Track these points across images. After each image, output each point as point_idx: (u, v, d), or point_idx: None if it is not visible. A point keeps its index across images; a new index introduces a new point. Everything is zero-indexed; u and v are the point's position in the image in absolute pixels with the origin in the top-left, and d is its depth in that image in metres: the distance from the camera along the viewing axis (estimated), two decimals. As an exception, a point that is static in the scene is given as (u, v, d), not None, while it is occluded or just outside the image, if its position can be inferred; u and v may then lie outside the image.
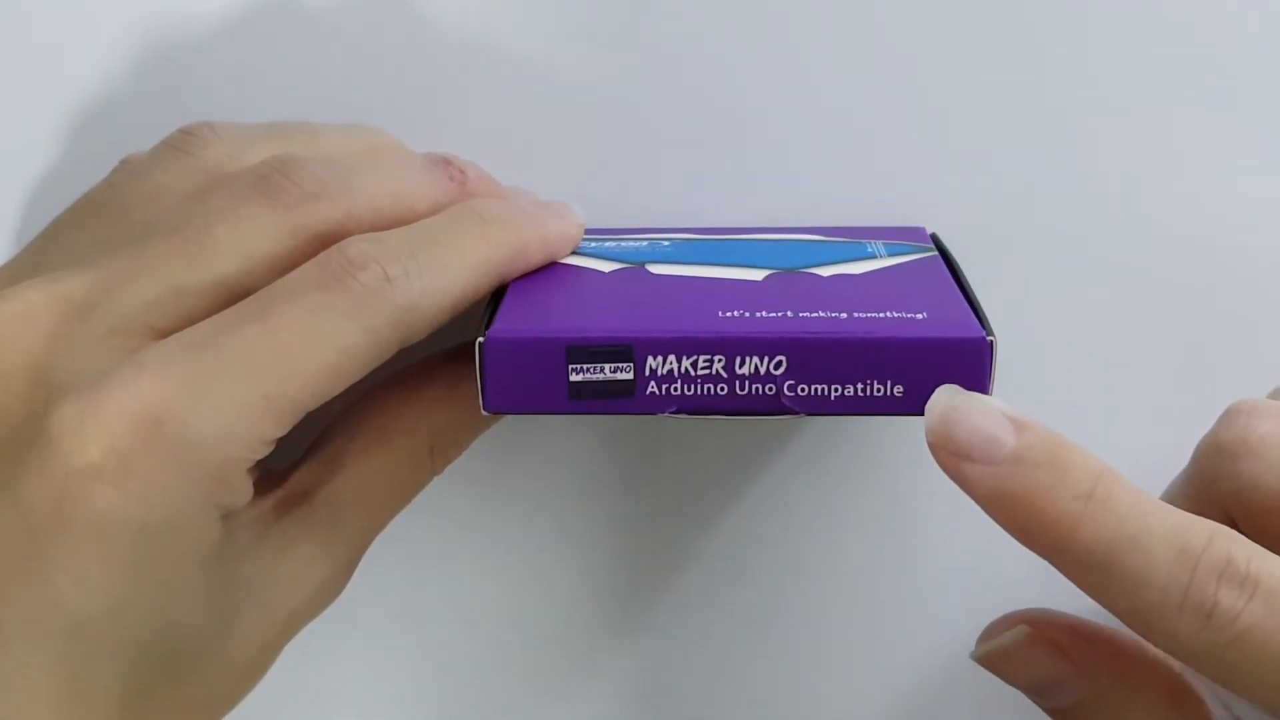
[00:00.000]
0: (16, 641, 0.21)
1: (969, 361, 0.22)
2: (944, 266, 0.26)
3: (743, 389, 0.23)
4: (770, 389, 0.23)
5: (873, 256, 0.27)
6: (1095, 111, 0.30)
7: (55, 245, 0.25)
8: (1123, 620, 0.21)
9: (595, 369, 0.22)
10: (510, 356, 0.23)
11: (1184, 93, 0.30)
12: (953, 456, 0.21)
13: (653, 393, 0.23)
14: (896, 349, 0.22)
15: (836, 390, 0.22)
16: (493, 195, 0.27)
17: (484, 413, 0.23)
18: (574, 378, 0.23)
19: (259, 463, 0.23)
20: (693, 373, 0.22)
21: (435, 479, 0.27)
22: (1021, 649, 0.26)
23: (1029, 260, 0.30)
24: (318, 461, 0.26)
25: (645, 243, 0.28)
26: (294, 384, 0.22)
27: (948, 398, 0.21)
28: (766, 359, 0.22)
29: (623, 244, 0.28)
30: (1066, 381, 0.31)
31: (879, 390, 0.22)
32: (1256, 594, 0.20)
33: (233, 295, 0.23)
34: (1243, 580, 0.20)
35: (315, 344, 0.22)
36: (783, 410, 0.23)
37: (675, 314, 0.23)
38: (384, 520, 0.26)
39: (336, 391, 0.23)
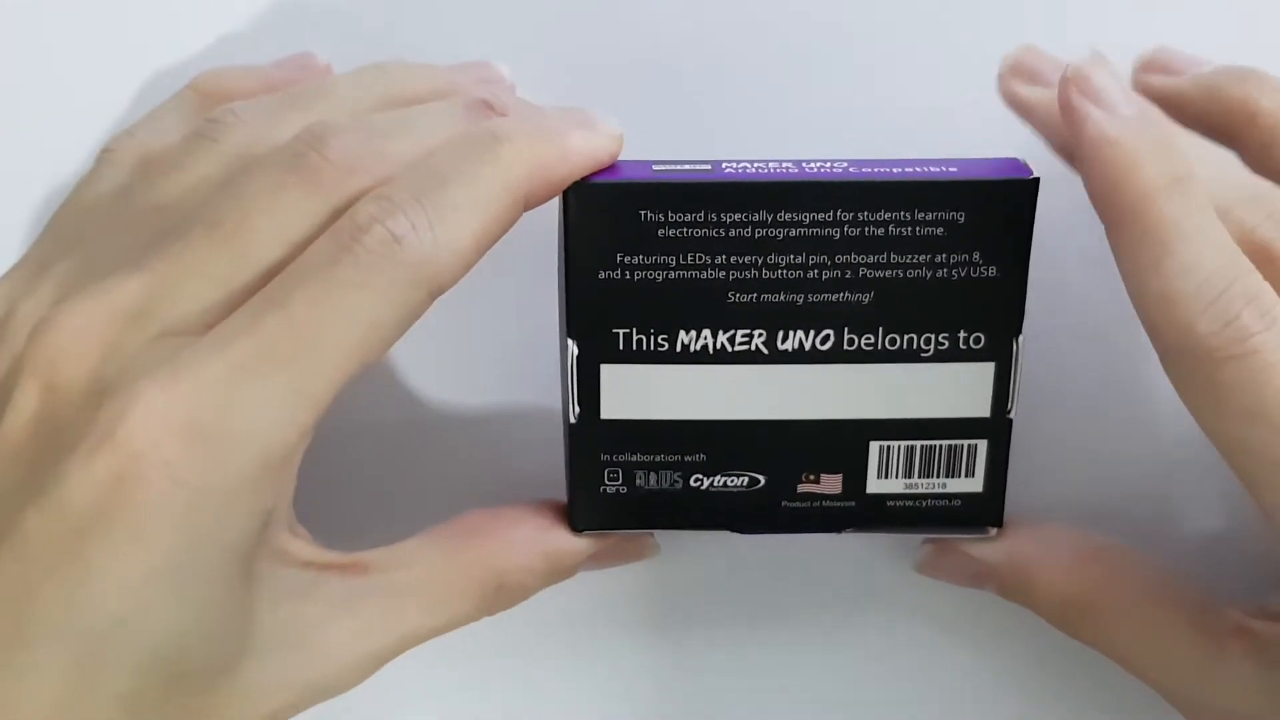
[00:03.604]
0: (41, 641, 0.21)
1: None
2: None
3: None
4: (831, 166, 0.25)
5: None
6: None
7: (94, 241, 0.25)
8: (1146, 302, 0.23)
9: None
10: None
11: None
12: (1081, 96, 0.23)
13: (730, 170, 0.25)
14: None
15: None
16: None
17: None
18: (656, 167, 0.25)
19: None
20: (765, 166, 0.25)
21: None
22: (953, 546, 0.28)
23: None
24: (386, 549, 0.26)
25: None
26: (323, 370, 0.22)
27: (1094, 55, 0.24)
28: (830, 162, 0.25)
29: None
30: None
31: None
32: (1274, 328, 0.22)
33: None
34: (1265, 312, 0.22)
35: (337, 325, 0.22)
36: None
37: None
38: (432, 626, 0.26)
39: (377, 359, 0.23)
